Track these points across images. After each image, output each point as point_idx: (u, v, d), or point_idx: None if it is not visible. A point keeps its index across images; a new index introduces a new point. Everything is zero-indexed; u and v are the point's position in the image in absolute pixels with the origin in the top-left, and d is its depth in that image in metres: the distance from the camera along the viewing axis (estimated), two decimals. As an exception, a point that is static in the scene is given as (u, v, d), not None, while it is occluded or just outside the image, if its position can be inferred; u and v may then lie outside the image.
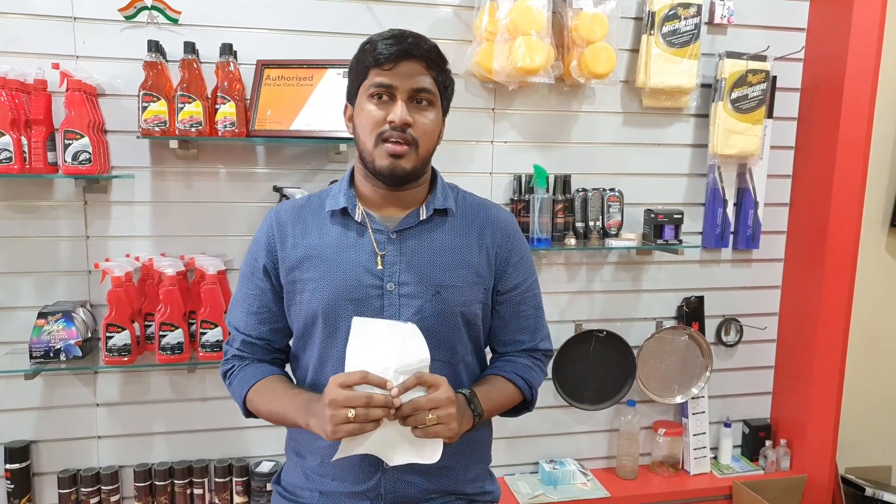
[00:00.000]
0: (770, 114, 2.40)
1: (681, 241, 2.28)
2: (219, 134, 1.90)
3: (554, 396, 2.37)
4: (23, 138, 1.81)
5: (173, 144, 1.93)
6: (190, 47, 1.89)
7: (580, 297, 2.40)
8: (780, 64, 2.40)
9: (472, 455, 1.33)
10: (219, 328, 1.92)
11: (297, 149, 2.11)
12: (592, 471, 2.46)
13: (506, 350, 1.37)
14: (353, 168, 1.29)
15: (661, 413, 2.54)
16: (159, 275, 1.92)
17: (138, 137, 1.89)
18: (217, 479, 2.12)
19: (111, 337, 1.86)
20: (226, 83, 1.89)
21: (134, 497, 2.09)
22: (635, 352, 2.39)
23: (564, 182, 2.24)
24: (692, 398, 2.46)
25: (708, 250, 2.48)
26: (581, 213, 2.27)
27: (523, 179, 2.23)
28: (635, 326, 2.45)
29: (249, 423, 1.98)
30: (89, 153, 1.83)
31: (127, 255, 2.02)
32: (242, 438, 2.20)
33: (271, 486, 1.40)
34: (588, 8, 2.12)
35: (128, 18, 1.95)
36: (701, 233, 2.46)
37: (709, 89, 2.36)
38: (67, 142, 1.81)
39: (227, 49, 1.91)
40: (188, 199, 2.07)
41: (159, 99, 1.85)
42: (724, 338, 2.54)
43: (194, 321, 1.95)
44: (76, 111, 1.81)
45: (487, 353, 1.40)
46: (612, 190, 2.27)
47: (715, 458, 2.56)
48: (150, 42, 1.87)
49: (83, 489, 2.04)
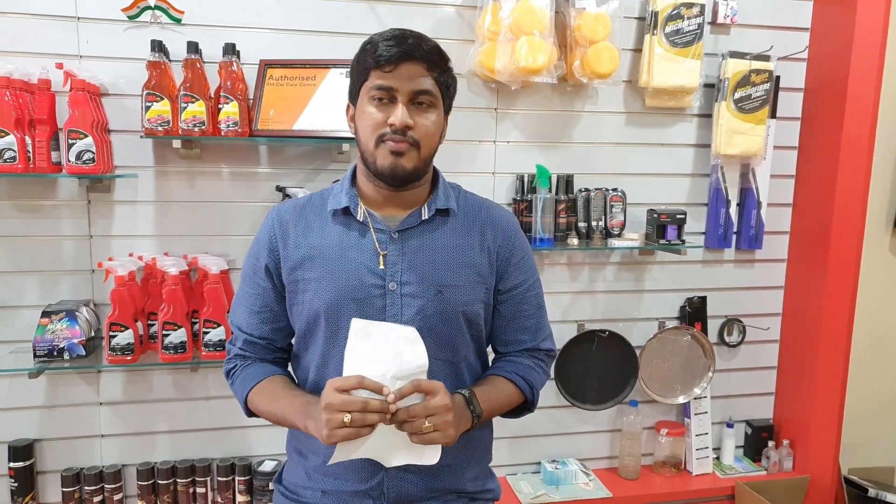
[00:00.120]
0: (773, 114, 2.39)
1: (684, 242, 2.28)
2: (222, 133, 1.90)
3: (556, 396, 2.37)
4: (27, 138, 1.82)
5: (176, 144, 1.93)
6: (193, 47, 1.89)
7: (583, 297, 2.40)
8: (784, 64, 2.39)
9: (474, 454, 1.33)
10: (221, 327, 1.92)
11: (300, 148, 2.12)
12: (595, 471, 2.45)
13: (507, 350, 1.37)
14: (355, 167, 1.29)
15: (664, 413, 2.53)
16: (162, 274, 1.92)
17: (142, 137, 1.90)
18: (220, 478, 2.12)
19: (114, 336, 1.87)
20: (229, 83, 1.89)
21: (137, 496, 2.10)
22: (638, 352, 2.38)
23: (567, 182, 2.24)
24: (695, 398, 2.46)
25: (711, 250, 2.47)
26: (584, 213, 2.26)
27: (526, 179, 2.22)
28: (638, 326, 2.45)
29: (252, 423, 1.99)
30: (93, 153, 1.83)
31: (130, 255, 2.03)
32: (245, 437, 2.21)
33: (273, 486, 1.40)
34: (591, 7, 2.12)
35: (131, 18, 1.96)
36: (704, 233, 2.46)
37: (712, 89, 2.36)
38: (71, 141, 1.82)
39: (230, 49, 1.91)
40: (191, 199, 2.08)
41: (162, 99, 1.86)
42: (727, 338, 2.53)
43: (197, 320, 1.96)
44: (80, 111, 1.82)
45: (489, 353, 1.40)
46: (615, 190, 2.26)
47: (717, 459, 2.56)
48: (154, 42, 1.87)
49: (86, 487, 2.04)
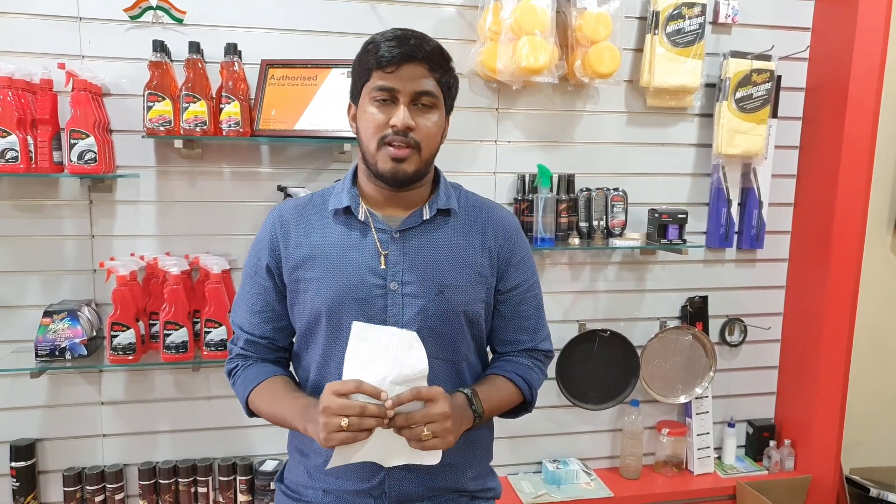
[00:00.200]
0: (775, 113, 2.39)
1: (685, 241, 2.28)
2: (223, 133, 1.91)
3: (557, 396, 2.37)
4: (29, 138, 1.82)
5: (178, 144, 1.93)
6: (195, 47, 1.89)
7: (584, 297, 2.40)
8: (785, 63, 2.39)
9: (475, 453, 1.33)
10: (223, 327, 1.93)
11: (302, 148, 2.12)
12: (596, 470, 2.45)
13: (506, 350, 1.37)
14: (356, 167, 1.29)
15: (665, 413, 2.53)
16: (164, 274, 1.92)
17: (143, 137, 1.90)
18: (221, 478, 2.12)
19: (116, 336, 1.87)
20: (230, 83, 1.90)
21: (138, 495, 2.10)
22: (639, 352, 2.38)
23: (568, 182, 2.24)
24: (696, 398, 2.46)
25: (712, 250, 2.47)
26: (585, 213, 2.26)
27: (527, 179, 2.23)
28: (639, 326, 2.45)
29: (253, 422, 1.98)
30: (94, 153, 1.84)
31: (132, 255, 2.03)
32: (246, 437, 2.21)
33: (274, 485, 1.40)
34: (592, 7, 2.12)
35: (133, 18, 1.96)
36: (705, 232, 2.46)
37: (713, 89, 2.36)
38: (73, 141, 1.82)
39: (232, 49, 1.92)
40: (193, 199, 2.08)
41: (164, 99, 1.86)
42: (728, 338, 2.53)
43: (199, 320, 1.96)
44: (82, 111, 1.82)
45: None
46: (616, 189, 2.26)
47: (719, 458, 2.56)
48: (155, 42, 1.87)
49: (88, 487, 2.05)
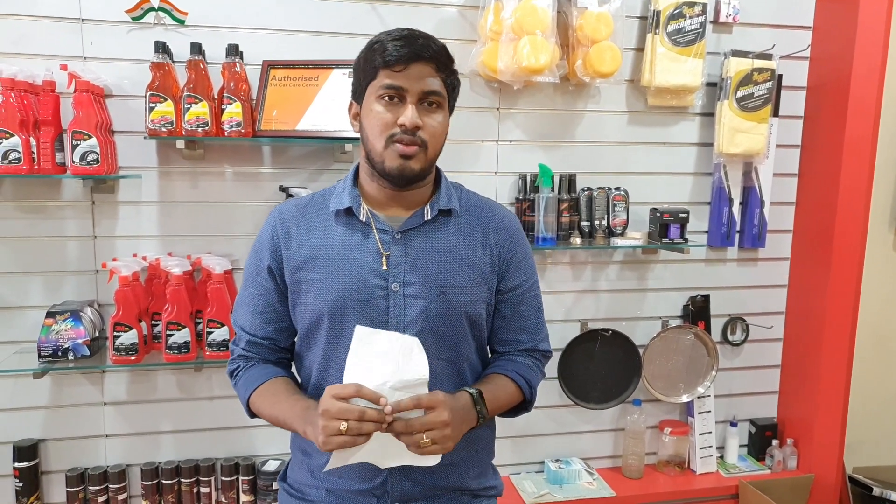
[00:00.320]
0: (776, 112, 2.39)
1: (686, 240, 2.28)
2: (225, 134, 1.91)
3: (559, 396, 2.36)
4: (31, 139, 1.83)
5: (180, 145, 1.94)
6: (196, 48, 1.90)
7: (585, 297, 2.40)
8: (786, 62, 2.39)
9: (477, 452, 1.34)
10: (225, 327, 1.93)
11: (303, 149, 2.12)
12: (598, 470, 2.45)
13: (505, 349, 1.37)
14: (357, 167, 1.30)
15: (667, 412, 2.53)
16: (166, 274, 1.93)
17: (145, 138, 1.90)
18: (223, 478, 2.13)
19: (118, 336, 1.88)
20: (232, 84, 1.90)
21: (141, 495, 2.10)
22: (641, 351, 2.38)
23: (569, 181, 2.24)
24: (698, 397, 2.46)
25: (714, 249, 2.47)
26: (586, 213, 2.26)
27: (528, 178, 2.23)
28: (641, 325, 2.45)
29: (256, 423, 1.98)
30: (97, 153, 1.84)
31: (134, 255, 2.04)
32: (249, 437, 2.21)
33: (277, 484, 1.40)
34: (593, 7, 2.12)
35: (135, 20, 1.97)
36: (707, 232, 2.46)
37: (714, 88, 2.36)
38: (75, 142, 1.82)
39: (234, 50, 1.92)
40: (195, 199, 2.08)
41: (166, 99, 1.86)
42: (730, 337, 2.53)
43: (201, 320, 1.96)
44: (84, 112, 1.82)
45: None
46: (618, 189, 2.26)
47: (721, 458, 2.55)
48: (157, 43, 1.88)
49: (91, 487, 2.05)
